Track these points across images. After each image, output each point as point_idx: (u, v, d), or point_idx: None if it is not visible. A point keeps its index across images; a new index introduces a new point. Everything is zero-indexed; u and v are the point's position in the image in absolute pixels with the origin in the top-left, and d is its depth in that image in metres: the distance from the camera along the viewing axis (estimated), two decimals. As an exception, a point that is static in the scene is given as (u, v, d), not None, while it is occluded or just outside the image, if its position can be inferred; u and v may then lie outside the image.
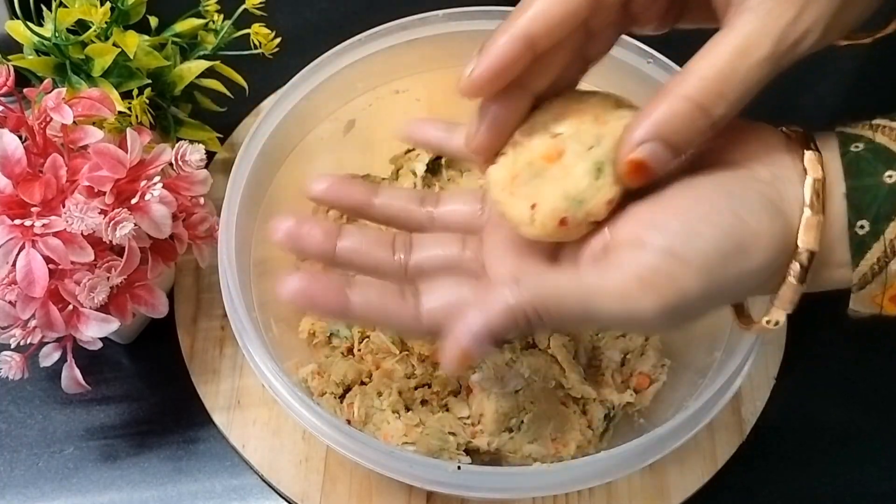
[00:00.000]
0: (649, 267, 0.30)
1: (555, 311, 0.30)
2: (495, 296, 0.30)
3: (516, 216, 0.33)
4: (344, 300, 0.33)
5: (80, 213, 0.42)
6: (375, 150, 0.56)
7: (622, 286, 0.30)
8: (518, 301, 0.30)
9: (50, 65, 0.50)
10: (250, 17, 0.52)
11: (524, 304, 0.30)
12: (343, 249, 0.36)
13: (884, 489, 0.51)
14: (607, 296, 0.30)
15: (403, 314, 0.33)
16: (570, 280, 0.31)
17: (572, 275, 0.31)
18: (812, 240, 0.30)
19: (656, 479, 0.49)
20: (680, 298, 0.30)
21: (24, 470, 0.50)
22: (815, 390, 0.54)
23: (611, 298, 0.30)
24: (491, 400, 0.48)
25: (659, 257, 0.30)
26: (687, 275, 0.29)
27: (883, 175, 0.30)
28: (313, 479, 0.49)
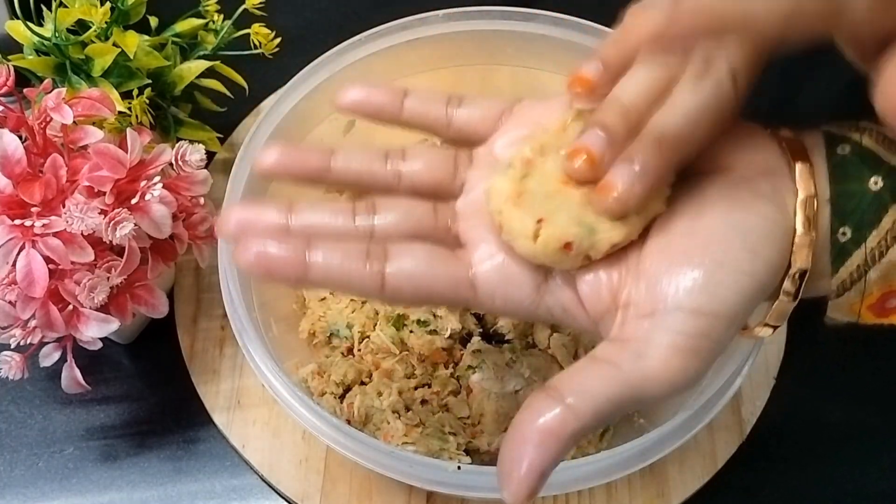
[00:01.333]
0: (682, 333, 0.29)
1: (613, 414, 0.29)
2: (553, 424, 0.28)
3: (516, 228, 0.31)
4: (303, 267, 0.30)
5: (80, 213, 0.42)
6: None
7: (665, 366, 0.28)
8: (582, 423, 0.28)
9: (50, 65, 0.50)
10: (250, 17, 0.52)
11: (587, 423, 0.28)
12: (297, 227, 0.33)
13: (884, 489, 0.51)
14: (654, 381, 0.29)
15: (366, 281, 0.31)
16: (615, 380, 0.29)
17: (613, 372, 0.29)
18: (804, 259, 0.30)
19: (656, 479, 0.49)
20: (717, 351, 0.29)
21: (24, 470, 0.50)
22: (815, 390, 0.54)
23: (658, 383, 0.29)
24: (491, 400, 0.48)
25: (689, 320, 0.29)
26: (719, 327, 0.29)
27: (868, 181, 0.30)
28: (313, 479, 0.49)
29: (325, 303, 0.52)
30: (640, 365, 0.29)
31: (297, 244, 0.30)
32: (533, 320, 0.35)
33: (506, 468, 0.28)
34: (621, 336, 0.30)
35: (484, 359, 0.48)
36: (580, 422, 0.28)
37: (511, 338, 0.50)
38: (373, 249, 0.31)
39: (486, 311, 0.32)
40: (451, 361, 0.50)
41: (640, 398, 0.29)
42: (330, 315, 0.51)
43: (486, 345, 0.50)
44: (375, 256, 0.31)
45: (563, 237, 0.30)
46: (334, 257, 0.30)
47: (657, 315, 0.29)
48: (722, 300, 0.29)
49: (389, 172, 0.35)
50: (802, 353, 0.53)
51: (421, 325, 0.49)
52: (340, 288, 0.31)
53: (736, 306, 0.29)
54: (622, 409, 0.29)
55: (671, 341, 0.28)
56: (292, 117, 0.49)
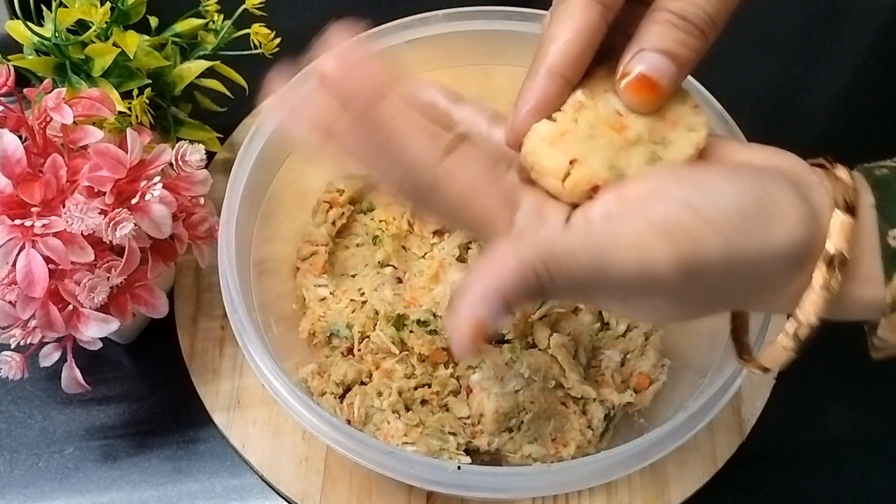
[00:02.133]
0: (666, 216, 0.28)
1: (565, 266, 0.27)
2: (502, 252, 0.27)
3: (548, 165, 0.31)
4: (377, 95, 0.29)
5: (80, 214, 0.42)
6: (375, 150, 0.56)
7: (636, 234, 0.27)
8: (527, 255, 0.27)
9: (50, 65, 0.50)
10: (250, 17, 0.52)
11: (533, 258, 0.27)
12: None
13: (884, 489, 0.51)
14: (620, 246, 0.28)
15: (425, 148, 0.30)
16: (581, 233, 0.29)
17: (583, 229, 0.29)
18: (843, 242, 0.28)
19: (656, 479, 0.49)
20: (698, 257, 0.27)
21: (24, 470, 0.50)
22: (815, 390, 0.53)
23: (624, 249, 0.27)
24: (491, 400, 0.48)
25: (677, 208, 0.28)
26: (706, 232, 0.27)
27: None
28: (313, 479, 0.49)
29: (325, 303, 0.52)
30: (611, 232, 0.28)
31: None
32: None
33: (460, 294, 0.27)
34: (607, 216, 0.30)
35: (484, 359, 0.48)
36: (542, 258, 0.27)
37: (511, 338, 0.50)
38: (445, 135, 0.31)
39: None
40: (451, 361, 0.50)
41: (598, 260, 0.28)
42: (330, 315, 0.51)
43: (486, 345, 0.50)
44: (445, 139, 0.30)
45: (592, 180, 0.30)
46: (407, 120, 0.30)
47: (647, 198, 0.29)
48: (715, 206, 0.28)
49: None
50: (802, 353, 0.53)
51: (421, 325, 0.49)
52: (395, 139, 0.30)
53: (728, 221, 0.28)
54: (576, 265, 0.28)
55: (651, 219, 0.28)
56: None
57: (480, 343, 0.27)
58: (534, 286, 0.27)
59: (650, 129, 0.31)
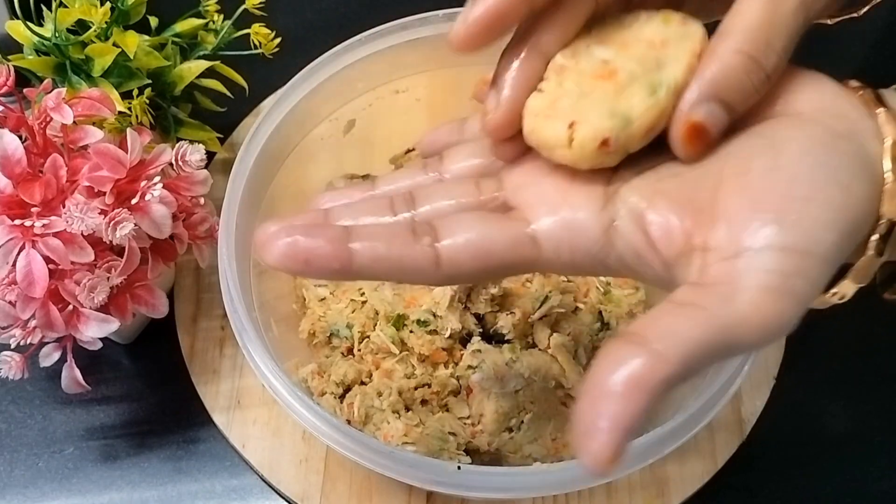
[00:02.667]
0: (775, 272, 0.26)
1: (703, 362, 0.26)
2: (638, 373, 0.25)
3: (550, 138, 0.29)
4: (346, 255, 0.27)
5: (80, 214, 0.42)
6: (375, 150, 0.56)
7: (758, 309, 0.26)
8: (673, 370, 0.25)
9: (50, 65, 0.50)
10: (250, 17, 0.52)
11: (677, 370, 0.25)
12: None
13: (884, 489, 0.51)
14: (747, 325, 0.26)
15: (419, 260, 0.28)
16: (705, 323, 0.26)
17: (701, 314, 0.26)
18: (894, 209, 0.28)
19: (656, 480, 0.49)
20: (813, 294, 0.26)
21: (24, 470, 0.50)
22: (815, 390, 0.54)
23: (751, 327, 0.26)
24: (491, 400, 0.48)
25: (781, 259, 0.26)
26: (814, 266, 0.26)
27: None
28: (313, 479, 0.49)
29: (325, 303, 0.52)
30: (730, 308, 0.26)
31: (334, 231, 0.28)
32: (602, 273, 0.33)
33: (584, 427, 0.24)
34: (704, 280, 0.27)
35: (484, 359, 0.48)
36: (670, 368, 0.25)
37: (511, 338, 0.50)
38: (419, 227, 0.28)
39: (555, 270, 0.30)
40: (451, 361, 0.50)
41: (732, 344, 0.26)
42: (330, 315, 0.51)
43: (486, 345, 0.50)
44: (424, 232, 0.28)
45: (599, 134, 0.29)
46: (379, 239, 0.28)
47: (744, 255, 0.26)
48: (815, 237, 0.26)
49: (431, 180, 0.33)
50: (802, 353, 0.53)
51: (421, 325, 0.49)
52: (391, 274, 0.28)
53: (830, 244, 0.26)
54: (713, 356, 0.26)
55: (763, 282, 0.26)
56: (292, 117, 0.49)
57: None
58: (671, 386, 0.26)
59: (641, 61, 0.30)
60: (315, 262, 0.27)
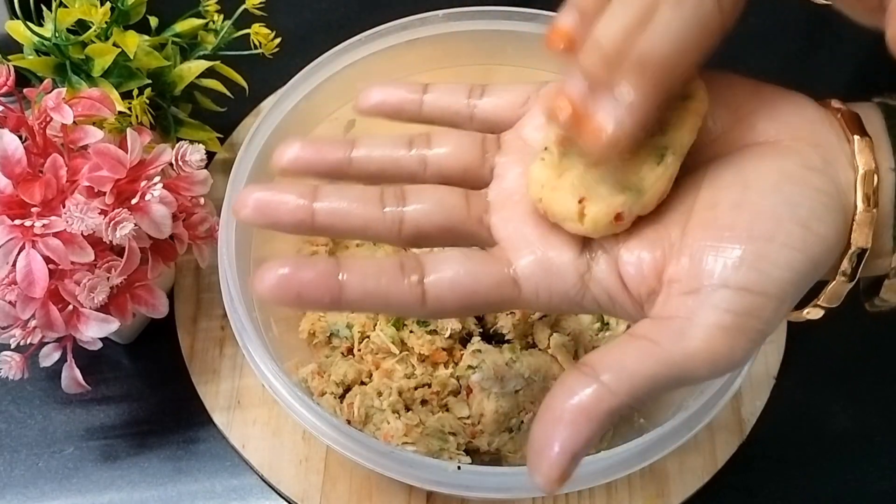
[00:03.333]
0: (729, 311, 0.27)
1: (650, 394, 0.27)
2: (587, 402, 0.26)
3: (560, 212, 0.30)
4: (336, 289, 0.28)
5: (80, 214, 0.42)
6: (375, 150, 0.56)
7: (708, 346, 0.27)
8: (618, 402, 0.26)
9: (50, 65, 0.50)
10: (250, 17, 0.52)
11: (623, 401, 0.27)
12: (322, 212, 0.31)
13: (884, 489, 0.51)
14: (696, 361, 0.27)
15: (405, 297, 0.29)
16: (654, 358, 0.27)
17: (652, 349, 0.28)
18: (864, 238, 0.28)
19: (656, 479, 0.49)
20: (766, 332, 0.28)
21: (24, 470, 0.50)
22: (815, 390, 0.54)
23: (700, 362, 0.27)
24: (491, 400, 0.48)
25: (736, 298, 0.27)
26: (768, 307, 0.27)
27: None
28: (313, 479, 0.49)
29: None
30: (682, 343, 0.27)
31: (325, 266, 0.29)
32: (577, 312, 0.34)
33: (536, 449, 0.27)
34: (663, 313, 0.28)
35: (484, 359, 0.48)
36: (616, 400, 0.26)
37: (511, 338, 0.50)
38: (406, 262, 0.29)
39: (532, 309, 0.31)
40: (451, 361, 0.50)
41: (680, 378, 0.27)
42: (330, 315, 0.51)
43: (486, 345, 0.50)
44: (411, 269, 0.29)
45: (612, 210, 0.29)
46: (369, 276, 0.29)
47: (701, 292, 0.27)
48: (771, 278, 0.27)
49: (414, 159, 0.34)
50: (802, 353, 0.53)
51: (421, 325, 0.49)
52: (378, 307, 0.29)
53: (786, 285, 0.27)
54: (661, 389, 0.27)
55: (716, 320, 0.27)
56: (292, 117, 0.49)
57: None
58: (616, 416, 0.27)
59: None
60: (307, 295, 0.28)
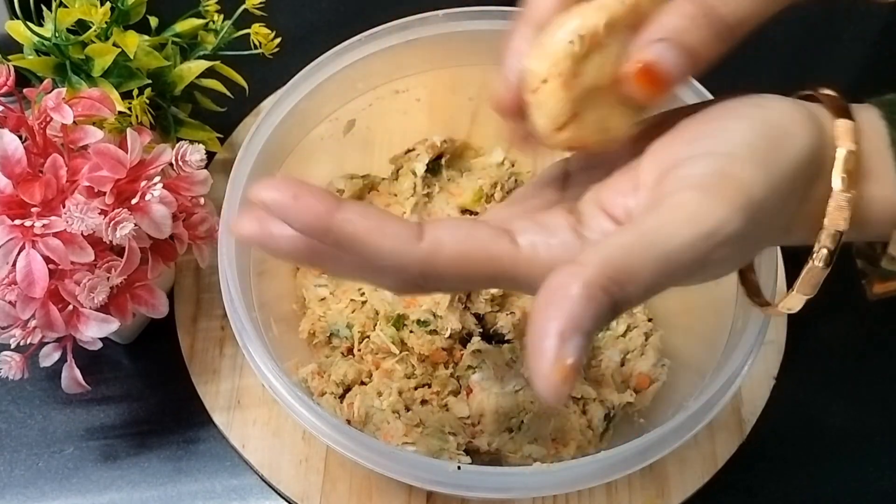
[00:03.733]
0: (703, 175, 0.26)
1: (633, 273, 0.25)
2: (560, 282, 0.25)
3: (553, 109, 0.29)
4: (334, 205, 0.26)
5: (80, 214, 0.42)
6: (375, 150, 0.56)
7: (686, 208, 0.26)
8: (589, 276, 0.24)
9: (50, 65, 0.50)
10: (250, 17, 0.52)
11: (597, 277, 0.24)
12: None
13: (884, 489, 0.51)
14: (677, 226, 0.26)
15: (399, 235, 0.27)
16: (631, 233, 0.26)
17: (629, 228, 0.27)
18: (842, 220, 0.28)
19: (656, 479, 0.49)
20: (752, 196, 0.26)
21: (24, 470, 0.50)
22: (815, 390, 0.54)
23: (681, 226, 0.25)
24: (491, 400, 0.48)
25: (706, 161, 0.27)
26: (743, 167, 0.26)
27: None
28: (313, 479, 0.49)
29: (325, 303, 0.52)
30: (658, 217, 0.26)
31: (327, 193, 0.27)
32: None
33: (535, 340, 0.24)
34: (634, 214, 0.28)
35: (484, 359, 0.48)
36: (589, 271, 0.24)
37: (511, 338, 0.50)
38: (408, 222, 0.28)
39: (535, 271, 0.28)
40: (451, 361, 0.50)
41: (661, 252, 0.25)
42: (330, 315, 0.51)
43: (486, 345, 0.50)
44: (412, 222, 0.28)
45: (584, 141, 0.29)
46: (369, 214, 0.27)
47: (670, 173, 0.27)
48: (737, 143, 0.27)
49: None
50: (802, 353, 0.53)
51: (421, 325, 0.49)
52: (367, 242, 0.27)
53: (755, 147, 0.27)
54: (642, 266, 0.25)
55: (691, 186, 0.26)
56: (292, 117, 0.49)
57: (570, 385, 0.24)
58: (607, 306, 0.25)
59: None
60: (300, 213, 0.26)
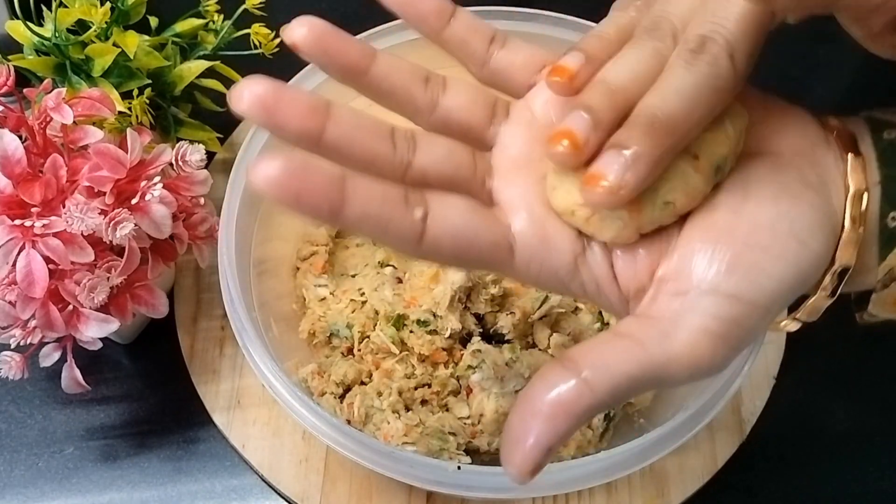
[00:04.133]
0: (715, 318, 0.27)
1: (629, 393, 0.27)
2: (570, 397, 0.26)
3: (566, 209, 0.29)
4: (338, 201, 0.26)
5: (80, 214, 0.42)
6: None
7: (691, 350, 0.27)
8: (598, 400, 0.26)
9: (50, 65, 0.50)
10: (250, 17, 0.52)
11: (602, 400, 0.26)
12: (333, 133, 0.28)
13: (884, 489, 0.51)
14: (678, 364, 0.27)
15: (404, 231, 0.27)
16: (637, 358, 0.27)
17: (635, 349, 0.27)
18: (849, 256, 0.29)
19: (656, 479, 0.49)
20: (747, 341, 0.28)
21: (24, 470, 0.50)
22: (815, 390, 0.54)
23: (682, 366, 0.27)
24: (491, 400, 0.48)
25: (724, 305, 0.27)
26: (754, 316, 0.27)
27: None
28: (313, 479, 0.49)
29: (325, 303, 0.52)
30: (665, 345, 0.27)
31: (332, 173, 0.26)
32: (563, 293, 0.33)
33: (511, 439, 0.26)
34: (649, 313, 0.28)
35: (484, 359, 0.48)
36: (595, 398, 0.26)
37: (511, 338, 0.50)
38: (412, 196, 0.27)
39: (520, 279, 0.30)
40: (451, 361, 0.50)
41: (660, 379, 0.27)
42: (330, 315, 0.51)
43: (486, 345, 0.50)
44: (416, 203, 0.27)
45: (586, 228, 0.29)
46: (374, 194, 0.26)
47: (691, 295, 0.27)
48: (761, 288, 0.27)
49: (427, 97, 0.33)
50: (802, 353, 0.53)
51: (421, 325, 0.49)
52: (374, 233, 0.27)
53: (775, 296, 0.28)
54: (640, 389, 0.27)
55: (702, 324, 0.27)
56: (292, 117, 0.49)
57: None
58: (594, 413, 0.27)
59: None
60: (306, 199, 0.25)
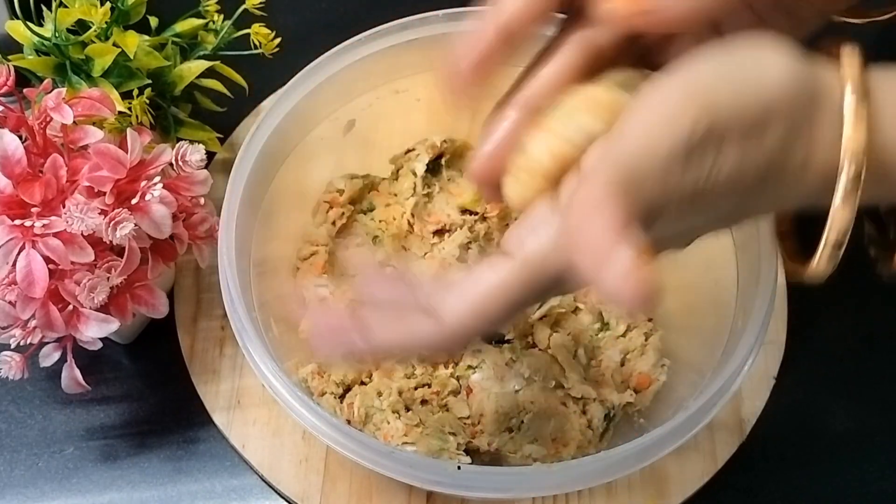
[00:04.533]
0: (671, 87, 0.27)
1: (643, 173, 0.26)
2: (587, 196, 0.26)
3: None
4: (367, 333, 0.31)
5: (81, 214, 0.42)
6: (375, 150, 0.56)
7: (659, 112, 0.26)
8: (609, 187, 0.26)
9: (50, 65, 0.50)
10: (250, 17, 0.52)
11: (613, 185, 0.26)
12: None
13: (884, 489, 0.51)
14: (658, 129, 0.26)
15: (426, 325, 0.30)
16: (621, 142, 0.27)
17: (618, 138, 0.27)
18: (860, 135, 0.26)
19: (656, 480, 0.49)
20: (717, 114, 0.26)
21: (24, 470, 0.50)
22: (815, 390, 0.54)
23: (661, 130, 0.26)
24: (491, 400, 0.48)
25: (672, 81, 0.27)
26: (718, 91, 0.26)
27: None
28: (313, 479, 0.49)
29: (324, 303, 0.52)
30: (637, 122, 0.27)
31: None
32: None
33: (591, 253, 0.25)
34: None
35: (484, 359, 0.48)
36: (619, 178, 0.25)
37: (511, 338, 0.50)
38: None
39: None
40: (451, 361, 0.50)
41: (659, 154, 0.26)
42: (330, 315, 0.51)
43: (486, 345, 0.50)
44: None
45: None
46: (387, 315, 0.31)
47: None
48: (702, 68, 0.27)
49: None
50: (802, 353, 0.53)
51: (421, 325, 0.49)
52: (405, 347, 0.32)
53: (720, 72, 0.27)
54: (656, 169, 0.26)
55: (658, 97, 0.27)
56: (292, 117, 0.49)
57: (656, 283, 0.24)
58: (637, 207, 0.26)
59: None
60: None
